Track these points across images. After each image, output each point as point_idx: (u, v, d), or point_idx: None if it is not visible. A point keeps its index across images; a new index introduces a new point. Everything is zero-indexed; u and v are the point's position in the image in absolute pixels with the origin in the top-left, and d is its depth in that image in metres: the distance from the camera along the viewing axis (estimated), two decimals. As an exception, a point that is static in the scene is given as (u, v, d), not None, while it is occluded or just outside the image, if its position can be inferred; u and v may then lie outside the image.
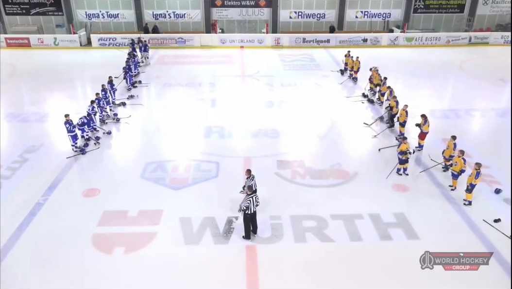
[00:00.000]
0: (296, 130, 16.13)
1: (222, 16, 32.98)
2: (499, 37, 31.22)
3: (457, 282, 8.65)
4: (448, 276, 8.89)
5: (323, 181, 12.59)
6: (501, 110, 18.46)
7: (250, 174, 10.70)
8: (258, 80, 22.75)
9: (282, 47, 30.13)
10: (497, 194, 11.90)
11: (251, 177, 10.66)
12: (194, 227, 10.42)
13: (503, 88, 21.99)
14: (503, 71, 24.52)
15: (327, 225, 10.51)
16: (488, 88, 21.56)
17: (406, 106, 14.86)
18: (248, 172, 10.72)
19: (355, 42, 30.58)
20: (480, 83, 22.42)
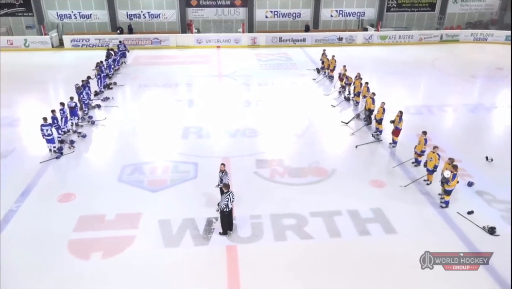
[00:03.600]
0: (274, 129, 16.19)
1: (197, 16, 32.80)
2: (469, 34, 32.18)
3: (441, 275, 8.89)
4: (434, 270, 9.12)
5: (301, 179, 12.69)
6: (472, 106, 19.02)
7: (224, 168, 10.73)
8: (235, 80, 22.73)
9: (259, 47, 30.20)
10: (470, 186, 12.25)
11: (225, 172, 10.71)
12: (174, 229, 10.33)
13: (474, 85, 22.69)
14: (473, 68, 25.31)
15: (307, 223, 10.60)
16: (459, 85, 22.18)
17: (384, 104, 15.12)
18: (223, 166, 10.75)
19: (331, 41, 30.93)
20: (452, 80, 23.04)
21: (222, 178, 10.65)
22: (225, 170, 10.76)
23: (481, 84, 22.88)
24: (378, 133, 15.33)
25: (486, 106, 18.97)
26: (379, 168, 13.64)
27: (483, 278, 8.74)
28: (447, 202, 11.24)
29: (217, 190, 10.98)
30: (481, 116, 18.01)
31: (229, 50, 29.37)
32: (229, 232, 10.13)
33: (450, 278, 8.80)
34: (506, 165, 13.56)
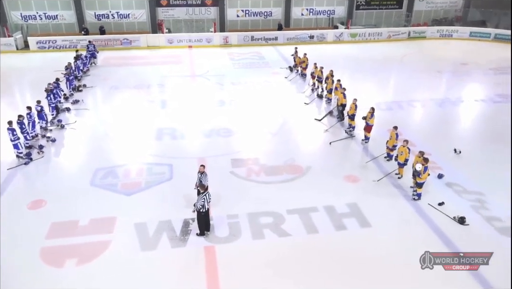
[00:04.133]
0: (249, 128, 16.21)
1: (168, 15, 32.42)
2: (435, 31, 33.15)
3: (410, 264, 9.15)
4: (408, 261, 9.36)
5: (277, 177, 12.76)
6: (439, 100, 19.62)
7: (204, 169, 10.67)
8: (208, 79, 22.61)
9: (231, 46, 30.14)
10: (440, 178, 12.63)
11: (205, 174, 10.65)
12: (150, 232, 10.18)
13: (440, 80, 23.41)
14: (440, 63, 26.10)
15: (284, 220, 10.66)
16: (427, 80, 22.82)
17: (356, 100, 15.37)
18: (203, 168, 10.69)
19: (302, 39, 31.21)
20: (420, 75, 23.67)
21: (200, 180, 10.57)
22: (204, 171, 10.67)
23: (447, 79, 23.63)
24: (351, 129, 15.59)
25: (452, 101, 19.61)
26: (353, 163, 13.88)
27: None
28: (419, 194, 11.55)
29: (194, 191, 10.89)
30: (448, 110, 18.60)
31: (201, 50, 29.18)
32: (207, 233, 10.08)
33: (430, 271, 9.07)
34: (473, 157, 14.08)
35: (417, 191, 11.53)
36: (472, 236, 10.12)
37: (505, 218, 10.72)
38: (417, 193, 11.55)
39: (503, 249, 9.67)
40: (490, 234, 10.23)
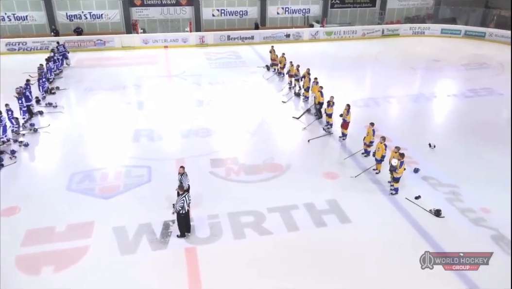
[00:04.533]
0: (227, 128, 16.18)
1: (142, 15, 32.01)
2: (408, 28, 33.85)
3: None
4: (387, 256, 9.54)
5: (257, 176, 12.79)
6: (414, 96, 20.07)
7: (183, 170, 10.60)
8: (185, 79, 22.45)
9: (207, 46, 29.99)
10: (416, 173, 12.93)
11: (185, 175, 10.59)
12: (130, 235, 10.05)
13: (414, 76, 23.94)
14: (413, 60, 26.68)
15: (265, 219, 10.71)
16: (401, 77, 23.30)
17: (332, 98, 15.54)
18: (182, 169, 10.63)
19: (279, 38, 31.35)
20: (394, 72, 24.16)
21: (181, 181, 10.51)
22: (184, 172, 10.61)
23: (421, 76, 24.18)
24: (329, 126, 15.77)
25: (426, 96, 20.09)
26: (331, 160, 14.05)
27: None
28: (396, 189, 11.80)
29: (174, 192, 10.78)
30: (422, 106, 19.04)
31: (177, 50, 28.93)
32: (187, 234, 10.02)
33: (408, 264, 9.29)
34: (447, 151, 14.47)
35: (394, 185, 11.77)
36: (448, 228, 10.42)
37: (478, 209, 11.07)
38: (395, 187, 11.79)
39: (478, 239, 10.01)
40: (465, 225, 10.55)
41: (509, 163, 13.50)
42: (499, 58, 26.63)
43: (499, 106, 18.95)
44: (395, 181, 11.68)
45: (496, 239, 10.00)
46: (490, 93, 20.29)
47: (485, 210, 11.03)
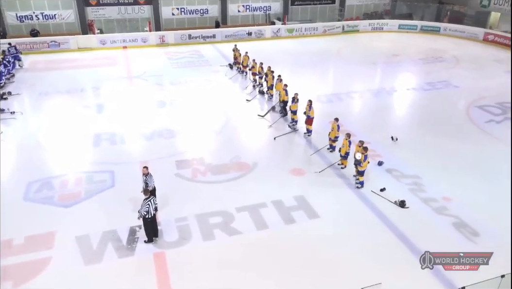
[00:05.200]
0: (192, 128, 16.01)
1: (99, 15, 31.07)
2: (367, 24, 34.70)
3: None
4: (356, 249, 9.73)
5: (224, 175, 12.74)
6: (375, 91, 20.62)
7: (148, 171, 10.44)
8: (146, 80, 22.01)
9: (168, 45, 29.54)
10: (380, 165, 13.29)
11: (149, 175, 10.43)
12: (94, 244, 9.74)
13: (375, 71, 24.60)
14: (373, 55, 27.41)
15: (234, 219, 10.68)
16: (362, 72, 23.86)
17: (297, 94, 15.69)
18: (146, 169, 10.45)
19: (241, 36, 31.32)
20: (356, 67, 24.70)
21: (146, 182, 10.30)
22: (148, 172, 10.43)
23: (381, 70, 24.87)
24: (294, 123, 15.92)
25: (387, 90, 20.69)
26: (298, 157, 14.20)
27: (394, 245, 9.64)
28: (362, 182, 12.08)
29: (139, 197, 10.55)
30: (383, 100, 19.59)
31: (136, 50, 28.30)
32: (155, 239, 9.83)
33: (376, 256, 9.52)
34: (408, 143, 14.99)
35: (360, 179, 12.05)
36: (413, 218, 10.79)
37: (440, 198, 11.53)
38: (360, 181, 12.06)
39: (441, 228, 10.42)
40: (428, 214, 10.96)
41: (466, 152, 14.17)
42: (454, 52, 27.85)
43: (455, 98, 19.80)
44: (360, 175, 11.96)
45: (458, 226, 10.44)
46: (447, 86, 21.16)
47: (446, 199, 11.50)
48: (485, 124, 16.53)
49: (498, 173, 13.04)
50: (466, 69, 24.00)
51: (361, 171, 11.84)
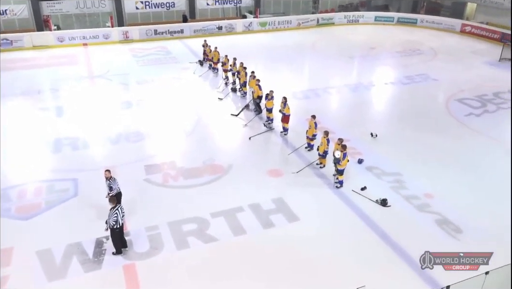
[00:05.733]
0: (161, 130, 15.85)
1: (55, 10, 30.29)
2: (343, 17, 35.21)
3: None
4: (337, 250, 9.85)
5: (197, 179, 12.67)
6: (353, 86, 20.96)
7: (110, 174, 10.34)
8: (110, 80, 21.63)
9: (133, 41, 29.12)
10: (360, 163, 13.52)
11: (113, 178, 10.33)
12: (57, 258, 9.50)
13: (352, 65, 25.02)
14: (350, 49, 27.86)
15: (209, 225, 10.64)
16: (339, 66, 24.24)
17: (272, 92, 15.75)
18: (108, 172, 10.34)
19: (210, 31, 31.21)
20: (332, 62, 25.05)
21: (111, 186, 10.14)
22: (111, 176, 10.31)
23: (358, 64, 25.31)
24: (270, 122, 15.99)
25: (365, 85, 21.07)
26: (275, 157, 14.28)
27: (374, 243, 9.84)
28: (341, 182, 12.25)
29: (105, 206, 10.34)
30: (361, 95, 19.96)
31: (98, 48, 27.75)
32: (124, 250, 9.68)
33: (358, 257, 9.67)
34: (388, 139, 15.33)
35: (339, 178, 12.22)
36: (395, 217, 11.04)
37: (422, 195, 11.83)
38: (339, 180, 12.23)
39: (423, 225, 10.69)
40: (411, 212, 11.23)
41: (446, 146, 14.61)
42: (431, 43, 28.65)
43: (434, 92, 20.38)
44: (340, 174, 12.12)
45: (440, 223, 10.75)
46: (425, 79, 21.74)
47: (428, 196, 11.82)
48: (464, 118, 17.08)
49: (479, 166, 13.51)
50: (444, 61, 24.73)
51: (341, 170, 12.01)
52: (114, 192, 10.24)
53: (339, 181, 12.25)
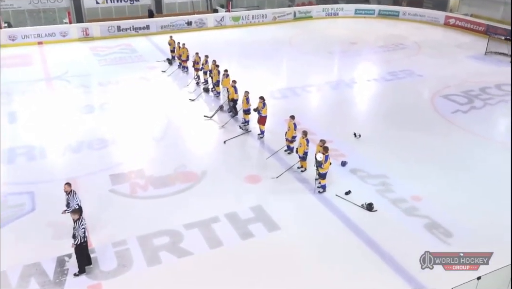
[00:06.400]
0: (128, 136, 15.69)
1: (5, 6, 29.74)
2: (321, 10, 35.72)
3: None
4: (322, 260, 9.91)
5: (169, 188, 12.57)
6: (334, 83, 21.24)
7: (70, 188, 10.18)
8: (69, 82, 21.29)
9: (93, 39, 28.78)
10: (343, 166, 13.67)
11: (72, 193, 10.17)
12: (13, 281, 9.24)
13: (332, 61, 25.36)
14: (329, 44, 28.23)
15: (182, 238, 10.55)
16: (319, 63, 24.53)
17: (247, 93, 15.74)
18: (68, 186, 10.16)
19: (179, 27, 31.11)
20: (311, 58, 25.33)
21: (69, 201, 9.93)
22: (71, 190, 10.13)
23: (339, 60, 25.71)
24: (246, 124, 16.01)
25: (346, 82, 21.38)
26: (252, 161, 14.31)
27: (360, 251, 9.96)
28: (323, 186, 12.35)
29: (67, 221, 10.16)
30: (343, 93, 20.24)
31: (55, 46, 27.31)
32: (88, 268, 9.48)
33: (344, 265, 9.76)
34: (373, 139, 15.56)
35: (321, 182, 12.32)
36: (381, 222, 11.19)
37: (409, 198, 12.04)
38: (322, 184, 12.33)
39: (412, 230, 10.88)
40: (398, 216, 11.41)
41: (434, 145, 14.94)
42: (415, 37, 29.33)
43: (419, 88, 20.84)
44: (322, 178, 12.22)
45: (430, 227, 10.95)
46: (410, 75, 22.22)
47: (416, 198, 12.04)
48: (451, 115, 17.52)
49: (468, 165, 13.87)
50: (429, 56, 25.37)
51: (323, 173, 12.10)
52: (71, 209, 10.00)
53: (321, 186, 12.34)
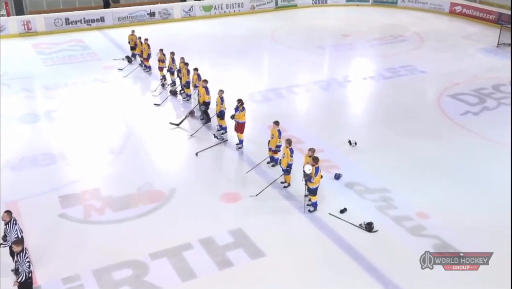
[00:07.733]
0: (80, 149, 15.57)
1: None
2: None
3: None
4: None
5: (130, 210, 12.49)
6: (324, 82, 21.45)
7: (11, 217, 9.93)
8: (7, 85, 21.06)
9: (37, 34, 28.59)
10: (337, 179, 13.76)
11: (13, 222, 9.93)
12: None
13: (322, 57, 25.59)
14: (318, 37, 28.52)
15: (148, 269, 10.47)
16: (306, 59, 24.77)
17: (222, 92, 15.73)
18: (7, 215, 9.90)
19: (140, 18, 31.08)
20: (297, 53, 25.57)
21: (6, 233, 9.72)
22: (11, 219, 9.87)
23: (330, 56, 25.98)
24: (222, 131, 15.98)
25: (339, 81, 21.61)
26: (230, 176, 14.34)
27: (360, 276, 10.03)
28: (314, 204, 12.38)
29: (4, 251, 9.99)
30: (335, 94, 20.46)
31: (-11, 43, 27.01)
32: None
33: None
34: (371, 147, 15.73)
35: (312, 199, 12.34)
36: (383, 244, 11.26)
37: (415, 215, 12.16)
38: (312, 202, 12.36)
39: (418, 253, 10.99)
40: (402, 237, 11.50)
41: (441, 152, 15.16)
42: (416, 28, 29.85)
43: (423, 86, 21.17)
44: (312, 194, 12.23)
45: (439, 248, 11.04)
46: (412, 72, 22.58)
47: (422, 215, 12.16)
48: (460, 117, 17.83)
49: (481, 175, 14.10)
50: (433, 50, 25.85)
51: (313, 189, 12.11)
52: (8, 243, 9.79)
53: (312, 203, 12.39)
